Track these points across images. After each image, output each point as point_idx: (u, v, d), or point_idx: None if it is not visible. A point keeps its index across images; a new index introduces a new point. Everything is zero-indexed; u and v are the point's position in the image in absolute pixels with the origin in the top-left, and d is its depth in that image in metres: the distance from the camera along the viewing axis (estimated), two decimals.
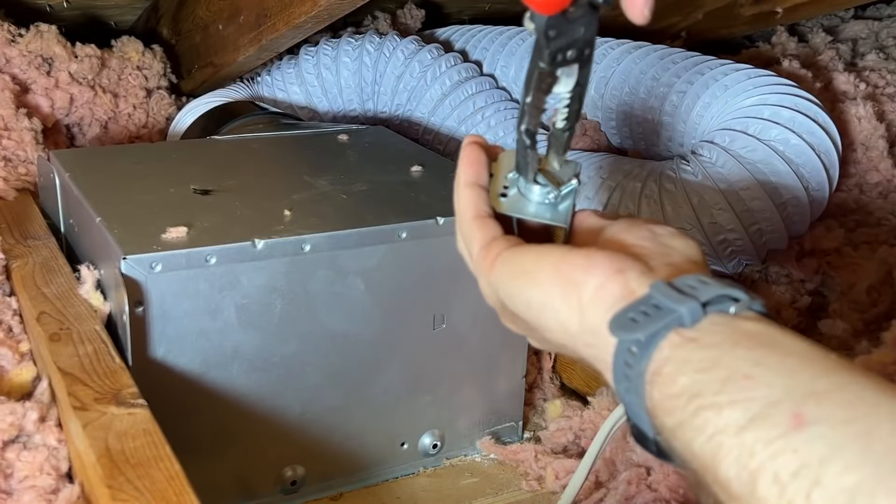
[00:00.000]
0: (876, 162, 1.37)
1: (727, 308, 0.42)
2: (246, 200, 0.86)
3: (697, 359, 0.40)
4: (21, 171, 1.13)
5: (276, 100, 1.46)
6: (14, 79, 1.27)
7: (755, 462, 0.35)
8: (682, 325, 0.41)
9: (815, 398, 0.36)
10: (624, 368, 0.43)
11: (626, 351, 0.43)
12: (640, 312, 0.43)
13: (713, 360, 0.40)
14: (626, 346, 0.43)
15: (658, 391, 0.41)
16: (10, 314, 0.81)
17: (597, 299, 0.45)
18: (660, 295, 0.43)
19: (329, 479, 0.85)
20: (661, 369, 0.41)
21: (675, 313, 0.42)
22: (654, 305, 0.43)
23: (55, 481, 0.62)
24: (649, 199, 1.14)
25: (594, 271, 0.46)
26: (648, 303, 0.43)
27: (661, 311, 0.42)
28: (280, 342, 0.79)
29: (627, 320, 0.43)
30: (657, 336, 0.42)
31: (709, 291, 0.43)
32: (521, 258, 0.50)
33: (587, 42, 0.50)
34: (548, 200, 0.55)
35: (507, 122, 1.35)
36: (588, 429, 0.91)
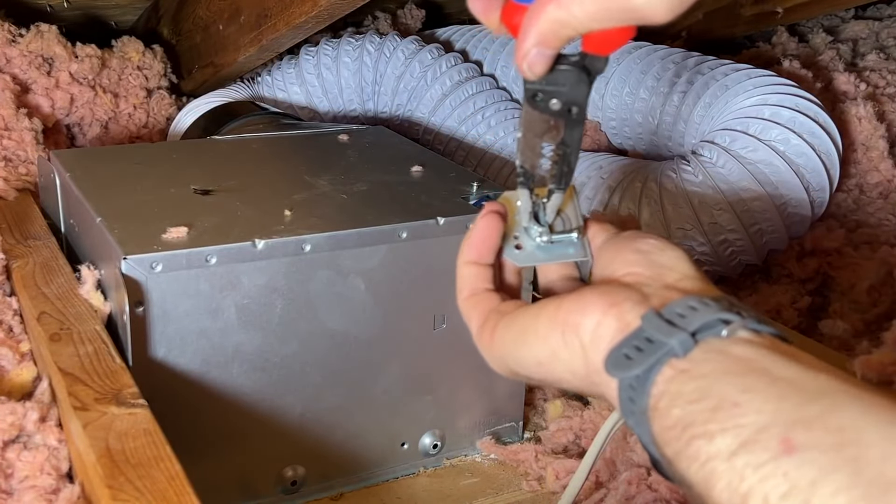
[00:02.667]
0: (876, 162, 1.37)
1: (719, 332, 0.42)
2: (246, 200, 0.86)
3: (689, 390, 0.41)
4: (21, 171, 1.13)
5: (277, 100, 1.46)
6: (14, 79, 1.27)
7: (745, 486, 0.36)
8: (675, 355, 0.42)
9: (803, 423, 0.36)
10: (629, 405, 0.44)
11: (628, 387, 0.44)
12: (633, 348, 0.44)
13: (703, 389, 0.40)
14: (627, 383, 0.44)
15: (657, 424, 0.42)
16: (11, 314, 0.81)
17: (596, 338, 0.46)
18: (651, 328, 0.43)
19: (329, 479, 0.85)
20: (657, 404, 0.42)
21: (666, 346, 0.42)
22: (646, 339, 0.43)
23: (55, 481, 0.62)
24: (650, 200, 1.14)
25: (589, 311, 0.46)
26: (641, 336, 0.44)
27: (654, 344, 0.43)
28: (280, 342, 0.79)
29: (622, 357, 0.44)
30: (652, 371, 0.42)
31: (698, 319, 0.43)
32: (519, 321, 0.50)
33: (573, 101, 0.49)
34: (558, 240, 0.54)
35: (508, 122, 1.35)
36: (588, 429, 0.91)
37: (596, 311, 0.46)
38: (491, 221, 0.55)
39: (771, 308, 0.98)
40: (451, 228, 0.84)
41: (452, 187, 0.92)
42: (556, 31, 0.46)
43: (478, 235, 0.56)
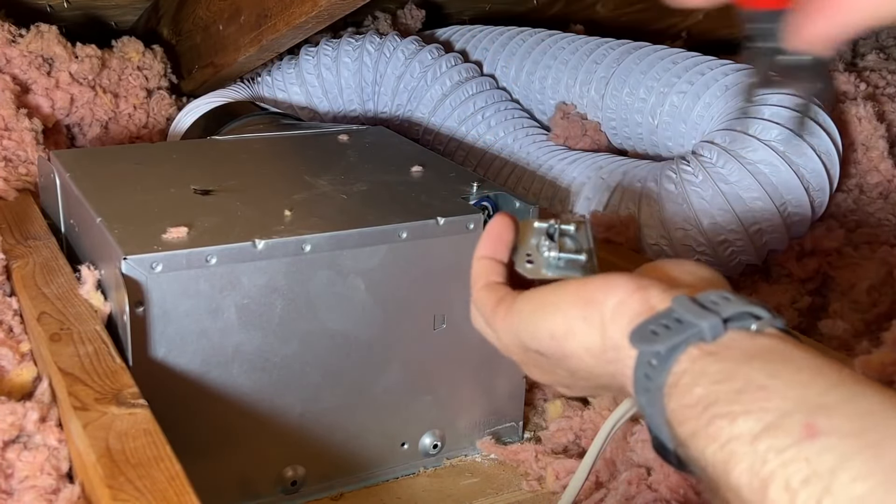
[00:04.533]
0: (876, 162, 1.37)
1: (749, 325, 0.43)
2: (246, 200, 0.86)
3: (714, 371, 0.41)
4: (21, 172, 1.13)
5: (277, 100, 1.46)
6: (14, 79, 1.27)
7: (767, 470, 0.36)
8: (703, 339, 0.42)
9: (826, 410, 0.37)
10: (644, 381, 0.44)
11: (647, 363, 0.44)
12: (661, 325, 0.44)
13: (729, 372, 0.41)
14: (646, 358, 0.44)
15: (674, 402, 0.42)
16: (11, 314, 0.81)
17: (618, 315, 0.46)
18: (682, 309, 0.44)
19: (329, 479, 0.85)
20: (678, 381, 0.42)
21: (695, 328, 0.43)
22: (675, 319, 0.44)
23: (56, 481, 0.62)
24: (649, 200, 1.14)
25: (614, 290, 0.47)
26: (670, 316, 0.44)
27: (683, 324, 0.43)
28: (281, 342, 0.79)
29: (648, 332, 0.44)
30: (677, 349, 0.43)
31: (731, 308, 0.43)
32: (540, 294, 0.51)
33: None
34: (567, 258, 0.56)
35: (507, 122, 1.35)
36: (588, 429, 0.91)
37: (621, 290, 0.47)
38: (505, 220, 0.58)
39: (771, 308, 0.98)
40: (452, 228, 0.84)
41: (452, 187, 0.92)
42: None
43: (493, 231, 0.58)
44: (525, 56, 1.43)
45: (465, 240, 0.85)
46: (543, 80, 1.40)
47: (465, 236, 0.85)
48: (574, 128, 1.32)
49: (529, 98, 1.43)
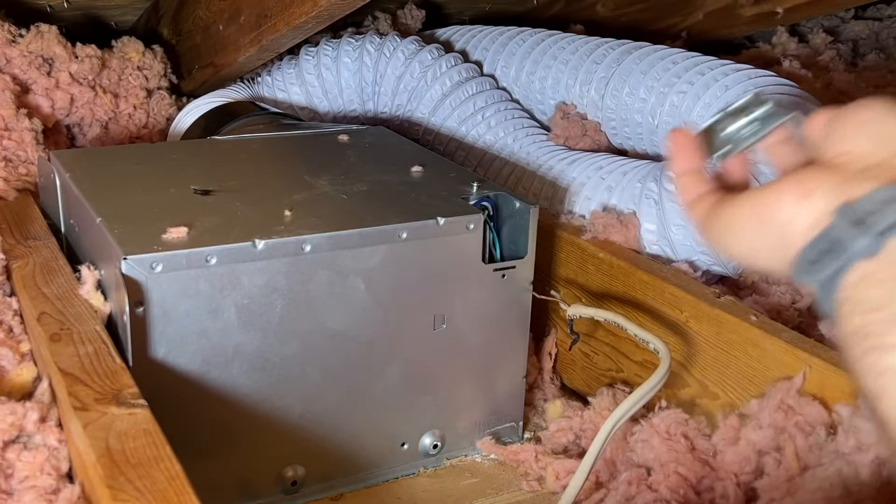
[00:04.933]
0: None
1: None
2: (246, 201, 0.86)
3: (871, 298, 0.41)
4: (21, 172, 1.13)
5: (277, 100, 1.46)
6: (15, 79, 1.27)
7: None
8: (862, 257, 0.42)
9: None
10: (822, 306, 0.45)
11: (820, 294, 0.44)
12: (819, 251, 0.44)
13: (885, 298, 0.40)
14: (818, 288, 0.44)
15: (840, 329, 0.43)
16: (11, 314, 0.81)
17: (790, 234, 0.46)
18: (839, 227, 0.43)
19: (329, 479, 0.85)
20: (841, 309, 0.43)
21: (852, 249, 0.42)
22: (834, 239, 0.43)
23: (56, 481, 0.62)
24: (649, 200, 1.14)
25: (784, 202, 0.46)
26: (828, 237, 0.43)
27: (840, 246, 0.43)
28: (280, 342, 0.79)
29: (806, 263, 0.44)
30: (838, 275, 0.43)
31: (889, 216, 0.42)
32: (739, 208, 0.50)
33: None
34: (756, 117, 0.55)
35: (508, 122, 1.35)
36: (588, 429, 0.91)
37: (789, 202, 0.46)
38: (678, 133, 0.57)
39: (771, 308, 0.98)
40: (451, 228, 0.84)
41: (452, 187, 0.92)
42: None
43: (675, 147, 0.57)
44: (525, 56, 1.43)
45: (465, 240, 0.85)
46: (543, 80, 1.40)
47: (465, 236, 0.85)
48: (574, 128, 1.32)
49: (529, 98, 1.43)
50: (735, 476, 0.77)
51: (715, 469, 0.80)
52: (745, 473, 0.77)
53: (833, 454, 0.69)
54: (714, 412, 0.84)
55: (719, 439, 0.81)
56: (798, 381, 0.76)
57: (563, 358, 1.05)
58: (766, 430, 0.76)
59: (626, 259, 0.99)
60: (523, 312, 0.91)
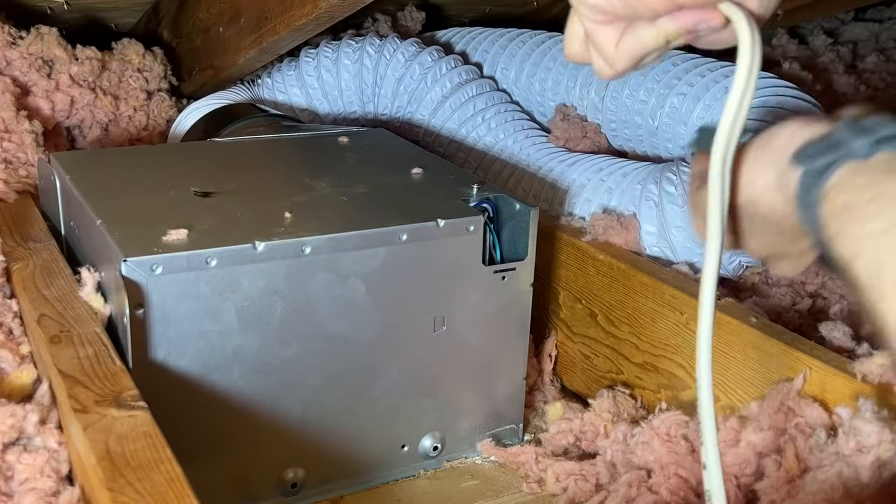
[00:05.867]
0: None
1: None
2: (246, 202, 0.86)
3: (858, 183, 0.48)
4: (21, 174, 1.13)
5: (277, 102, 1.46)
6: (15, 81, 1.27)
7: (883, 258, 0.44)
8: (856, 157, 0.48)
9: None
10: (805, 196, 0.51)
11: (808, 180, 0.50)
12: (822, 147, 0.50)
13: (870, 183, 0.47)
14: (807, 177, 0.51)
15: (825, 208, 0.49)
16: (11, 316, 0.81)
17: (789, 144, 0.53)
18: (842, 132, 0.50)
19: (329, 481, 0.85)
20: (828, 193, 0.49)
21: (848, 147, 0.49)
22: (834, 141, 0.50)
23: (55, 484, 0.62)
24: (649, 202, 1.14)
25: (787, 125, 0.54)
26: (831, 139, 0.50)
27: (839, 145, 0.49)
28: (280, 344, 0.79)
29: (808, 154, 0.51)
30: (832, 166, 0.49)
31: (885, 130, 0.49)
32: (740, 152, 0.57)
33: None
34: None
35: (508, 124, 1.35)
36: (589, 431, 0.91)
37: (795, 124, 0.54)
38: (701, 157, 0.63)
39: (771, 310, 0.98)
40: (452, 230, 0.84)
41: (452, 189, 0.92)
42: None
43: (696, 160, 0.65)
44: (525, 58, 1.43)
45: (466, 242, 0.85)
46: (543, 81, 1.40)
47: (465, 238, 0.85)
48: (574, 129, 1.32)
49: (530, 100, 1.43)
50: (735, 478, 0.77)
51: None
52: (745, 475, 0.77)
53: (833, 456, 0.69)
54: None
55: (720, 441, 0.81)
56: (798, 383, 0.76)
57: (563, 360, 1.05)
58: (766, 431, 0.76)
59: (626, 261, 0.99)
60: (523, 314, 0.91)
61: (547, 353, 1.04)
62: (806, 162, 0.51)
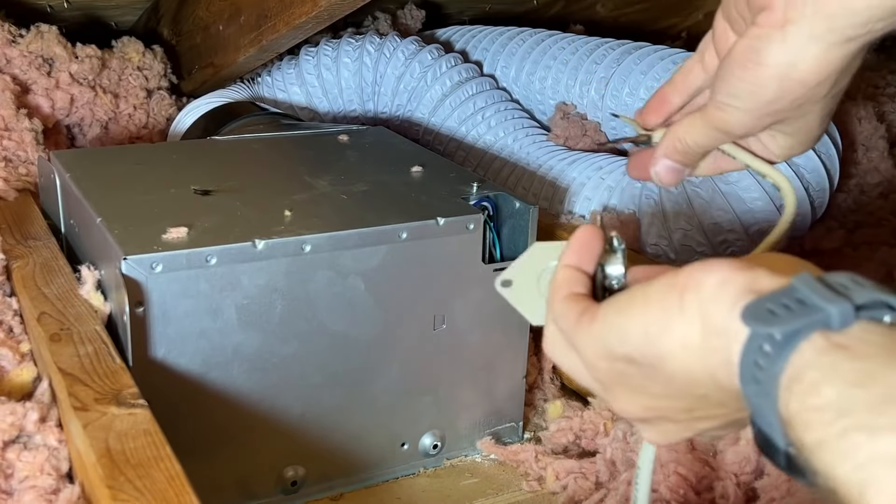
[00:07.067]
0: (876, 162, 1.37)
1: (881, 316, 0.37)
2: (246, 201, 0.86)
3: (848, 370, 0.35)
4: (21, 172, 1.13)
5: (277, 100, 1.46)
6: (15, 79, 1.27)
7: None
8: (830, 326, 0.36)
9: None
10: (754, 369, 0.38)
11: (758, 349, 0.38)
12: (780, 305, 0.38)
13: (869, 373, 0.34)
14: (758, 343, 0.38)
15: (797, 401, 0.36)
16: (11, 314, 0.81)
17: (720, 293, 0.40)
18: (806, 288, 0.37)
19: (329, 479, 0.85)
20: (801, 375, 0.36)
21: (822, 312, 0.36)
22: (797, 300, 0.37)
23: (56, 481, 0.62)
24: (649, 200, 1.14)
25: (714, 270, 0.41)
26: (791, 296, 0.38)
27: (807, 307, 0.37)
28: (280, 342, 0.79)
29: (764, 311, 0.38)
30: (798, 335, 0.36)
31: (864, 294, 0.37)
32: (626, 293, 0.46)
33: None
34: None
35: (508, 122, 1.35)
36: (588, 429, 0.91)
37: (724, 269, 0.41)
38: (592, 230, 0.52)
39: None
40: (451, 229, 0.84)
41: (452, 188, 0.92)
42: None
43: (578, 241, 0.52)
44: (525, 56, 1.43)
45: (465, 240, 0.85)
46: (543, 80, 1.40)
47: (464, 237, 0.85)
48: (574, 128, 1.32)
49: (529, 98, 1.43)
50: (735, 476, 0.77)
51: (715, 469, 0.80)
52: (745, 473, 0.77)
53: None
54: None
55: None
56: None
57: None
58: None
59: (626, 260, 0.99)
60: None
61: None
62: (759, 324, 0.38)
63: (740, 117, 0.53)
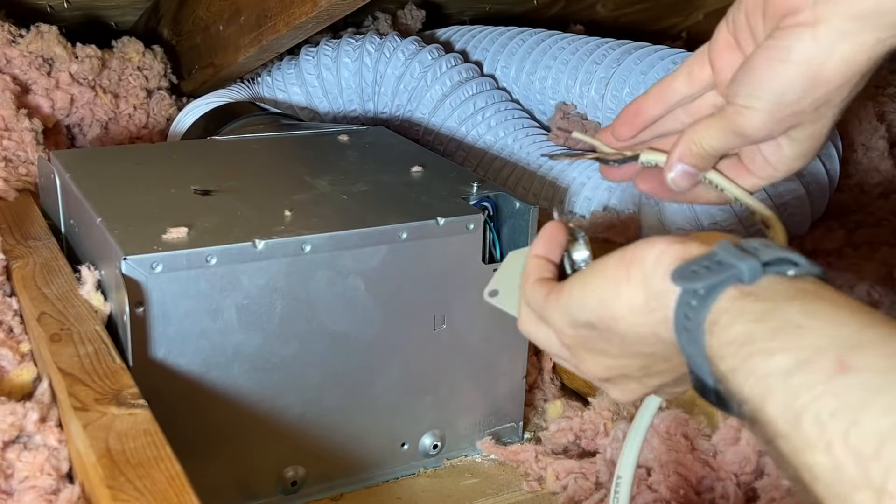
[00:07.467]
0: (876, 162, 1.37)
1: (786, 270, 0.44)
2: (246, 201, 0.86)
3: (752, 310, 0.43)
4: (22, 172, 1.13)
5: (277, 100, 1.46)
6: (15, 79, 1.27)
7: (799, 403, 0.38)
8: (742, 280, 0.44)
9: (859, 347, 0.38)
10: (684, 320, 0.46)
11: (686, 304, 0.46)
12: (702, 266, 0.46)
13: (768, 310, 0.42)
14: (686, 299, 0.46)
15: (715, 339, 0.43)
16: (11, 315, 0.81)
17: (658, 264, 0.48)
18: (723, 252, 0.45)
19: (329, 479, 0.85)
20: (718, 319, 0.44)
21: (735, 268, 0.44)
22: (716, 261, 0.45)
23: (56, 482, 0.62)
24: (649, 200, 1.14)
25: (655, 244, 0.49)
26: (712, 259, 0.46)
27: (723, 266, 0.45)
28: (281, 342, 0.79)
29: (689, 272, 0.46)
30: (716, 289, 0.44)
31: (770, 253, 0.45)
32: (588, 269, 0.54)
33: None
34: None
35: (508, 122, 1.35)
36: (588, 429, 0.91)
37: (662, 243, 0.49)
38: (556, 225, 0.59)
39: None
40: (452, 229, 0.84)
41: (452, 188, 0.92)
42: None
43: (544, 234, 0.59)
44: (525, 56, 1.43)
45: (466, 240, 0.85)
46: (543, 80, 1.40)
47: (465, 237, 0.85)
48: (574, 128, 1.32)
49: (529, 98, 1.43)
50: (735, 476, 0.77)
51: (715, 469, 0.80)
52: (745, 474, 0.77)
53: None
54: (714, 412, 0.84)
55: (719, 439, 0.81)
56: None
57: None
58: None
59: None
60: None
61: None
62: (685, 282, 0.46)
63: (760, 119, 0.54)
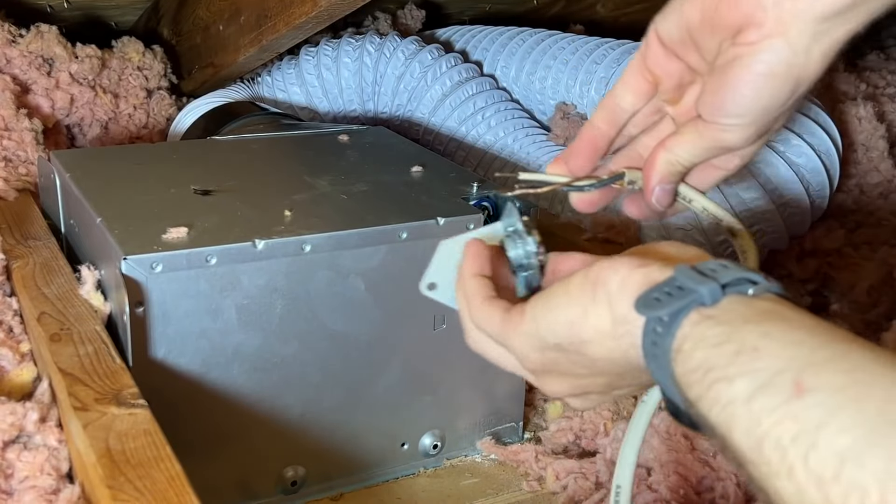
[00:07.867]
0: (876, 162, 1.37)
1: (745, 290, 0.45)
2: (246, 201, 0.86)
3: (712, 335, 0.43)
4: (21, 172, 1.13)
5: (277, 100, 1.46)
6: (15, 79, 1.27)
7: (761, 430, 0.38)
8: (703, 304, 0.44)
9: (815, 367, 0.38)
10: (651, 348, 0.46)
11: (652, 331, 0.46)
12: (664, 293, 0.46)
13: (726, 334, 0.42)
14: (651, 325, 0.46)
15: (680, 367, 0.44)
16: (11, 314, 0.81)
17: (623, 289, 0.48)
18: (682, 277, 0.46)
19: (329, 479, 0.85)
20: (681, 346, 0.44)
21: (695, 293, 0.44)
22: (677, 287, 0.45)
23: (56, 482, 0.62)
24: None
25: (618, 268, 0.49)
26: (672, 284, 0.46)
27: (683, 291, 0.45)
28: (281, 342, 0.79)
29: (652, 300, 0.46)
30: (679, 314, 0.44)
31: (729, 274, 0.45)
32: (549, 291, 0.53)
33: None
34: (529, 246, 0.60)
35: (508, 122, 1.35)
36: (588, 429, 0.91)
37: (624, 268, 0.49)
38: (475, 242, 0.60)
39: None
40: (452, 229, 0.84)
41: (452, 188, 0.92)
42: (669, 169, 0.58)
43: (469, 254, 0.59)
44: (525, 56, 1.43)
45: None
46: (543, 80, 1.40)
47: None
48: (574, 128, 1.32)
49: (529, 98, 1.43)
50: (735, 476, 0.77)
51: (715, 469, 0.80)
52: None
53: None
54: None
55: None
56: None
57: None
58: None
59: None
60: None
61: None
62: (649, 310, 0.46)
63: (748, 133, 0.55)
